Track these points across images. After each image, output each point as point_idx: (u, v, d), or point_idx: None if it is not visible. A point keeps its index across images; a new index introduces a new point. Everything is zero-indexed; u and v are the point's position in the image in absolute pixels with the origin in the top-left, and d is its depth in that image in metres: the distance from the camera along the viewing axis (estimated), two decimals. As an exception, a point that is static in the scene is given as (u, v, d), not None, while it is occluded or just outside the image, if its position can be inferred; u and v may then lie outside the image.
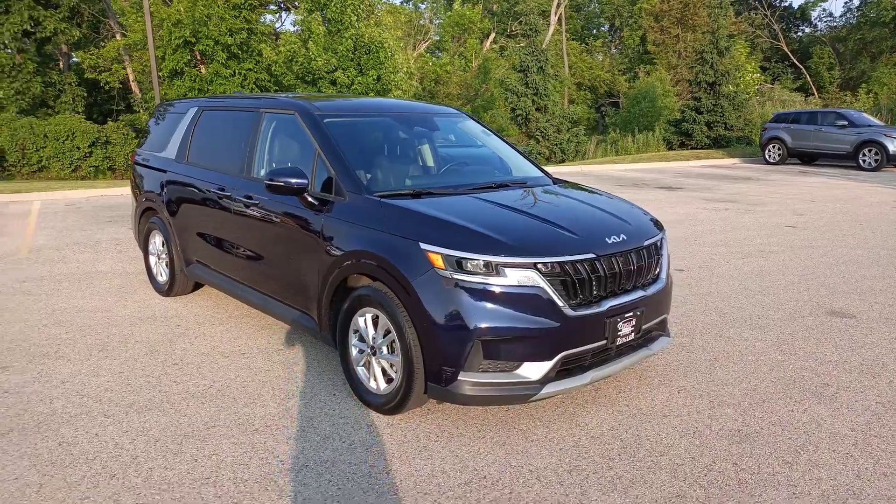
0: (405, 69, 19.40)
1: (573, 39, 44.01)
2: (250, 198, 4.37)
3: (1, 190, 13.38)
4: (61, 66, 25.58)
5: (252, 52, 20.34)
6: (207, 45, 19.36)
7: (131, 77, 24.50)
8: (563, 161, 23.29)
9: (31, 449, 3.18)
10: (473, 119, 5.13)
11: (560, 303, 3.20)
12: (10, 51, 21.51)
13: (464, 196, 3.84)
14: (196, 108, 5.38)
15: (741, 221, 9.89)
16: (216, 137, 5.01)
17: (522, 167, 4.81)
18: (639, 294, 3.55)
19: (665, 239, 3.98)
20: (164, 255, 5.67)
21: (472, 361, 3.17)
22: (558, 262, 3.23)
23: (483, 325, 3.12)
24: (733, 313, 5.37)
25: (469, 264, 3.16)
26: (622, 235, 3.55)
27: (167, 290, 5.68)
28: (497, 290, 3.14)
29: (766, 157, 20.59)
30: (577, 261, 3.28)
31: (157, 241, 5.76)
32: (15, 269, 6.81)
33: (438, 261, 3.19)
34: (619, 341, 3.45)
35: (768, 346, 4.60)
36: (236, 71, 20.18)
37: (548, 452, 3.17)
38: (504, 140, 5.04)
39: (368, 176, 3.95)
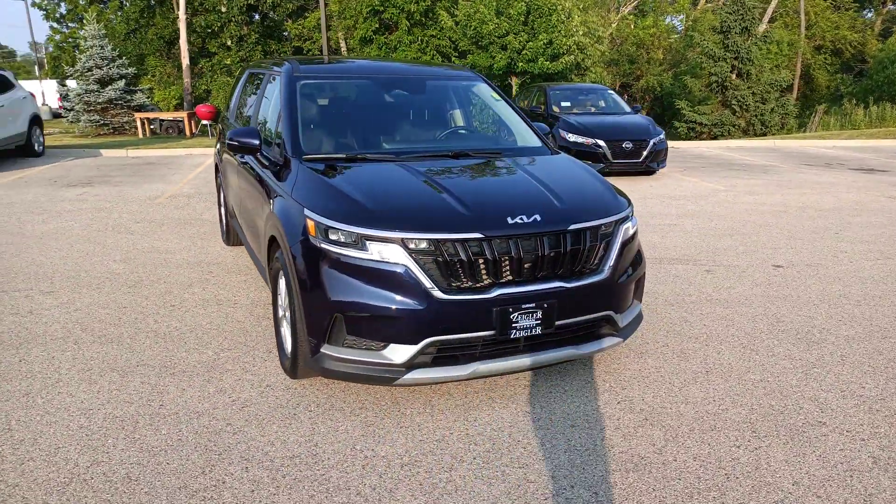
0: (581, 32, 18.45)
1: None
2: (243, 156, 4.57)
3: (194, 145, 15.52)
4: (288, 35, 28.59)
5: (437, 18, 20.84)
6: (393, 13, 20.27)
7: (343, 46, 26.57)
8: (763, 134, 20.61)
9: (-5, 361, 3.76)
10: (488, 84, 4.75)
11: (428, 284, 2.91)
12: (237, 23, 24.50)
13: (392, 164, 3.61)
14: (248, 72, 5.71)
15: (925, 215, 8.01)
16: (246, 98, 5.29)
17: (516, 137, 4.40)
18: (553, 284, 3.09)
19: (622, 225, 3.39)
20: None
21: (335, 335, 3.04)
22: (432, 240, 2.93)
23: (343, 300, 2.96)
24: (792, 322, 4.43)
25: (334, 234, 3.01)
26: (535, 216, 3.09)
27: (226, 240, 6.20)
28: (360, 263, 2.95)
29: None
30: (456, 240, 2.94)
31: (223, 195, 6.29)
32: (142, 211, 7.91)
33: (312, 228, 3.08)
34: (517, 335, 3.05)
35: (795, 367, 3.73)
36: (420, 38, 20.90)
37: (403, 442, 2.94)
38: (515, 108, 4.60)
39: (314, 139, 3.89)
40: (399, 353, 2.96)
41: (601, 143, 10.42)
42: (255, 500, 2.52)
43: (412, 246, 2.93)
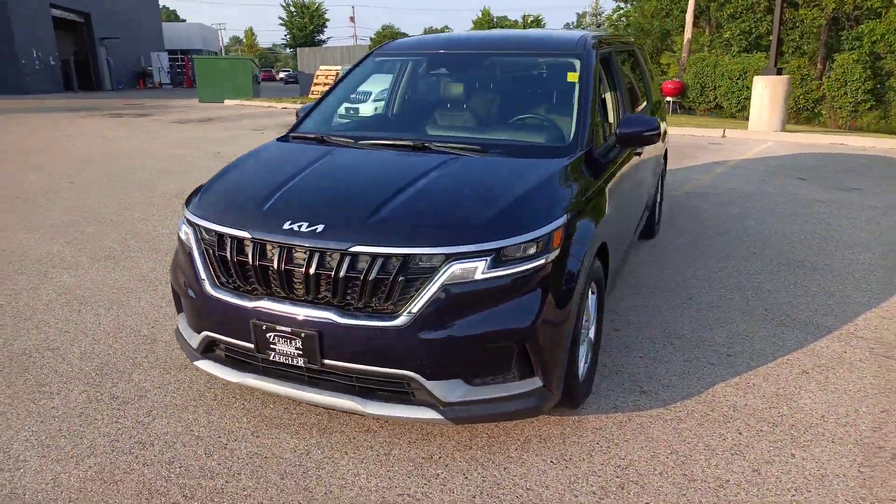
0: None
1: None
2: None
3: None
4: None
5: None
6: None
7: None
8: None
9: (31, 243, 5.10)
10: (584, 60, 3.58)
11: (203, 275, 2.74)
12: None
13: (333, 147, 3.36)
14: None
15: None
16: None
17: (547, 132, 3.36)
18: (321, 314, 2.47)
19: (456, 263, 2.36)
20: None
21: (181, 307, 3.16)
22: (209, 229, 2.74)
23: (175, 274, 3.05)
24: None
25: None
26: (319, 226, 2.50)
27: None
28: (181, 241, 2.99)
29: None
30: (226, 234, 2.66)
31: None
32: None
33: None
34: (278, 358, 2.59)
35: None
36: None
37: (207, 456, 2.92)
38: (585, 95, 3.40)
39: (326, 117, 3.84)
40: (195, 338, 2.92)
41: None
42: None
43: (200, 233, 2.81)
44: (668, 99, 19.58)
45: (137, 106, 22.44)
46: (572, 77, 3.58)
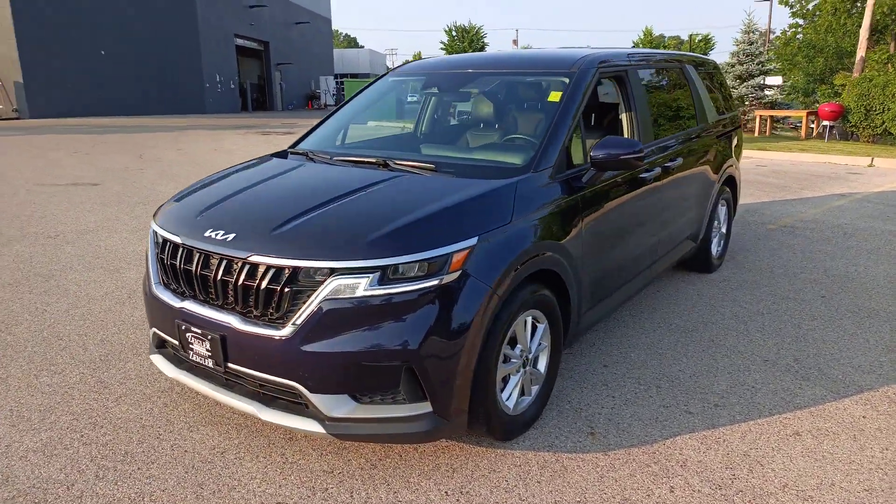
0: None
1: None
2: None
3: (778, 147, 14.13)
4: None
5: None
6: None
7: None
8: None
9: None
10: (574, 80, 3.40)
11: (152, 274, 2.98)
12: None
13: (305, 163, 3.49)
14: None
15: None
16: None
17: (509, 153, 3.24)
18: (225, 318, 2.59)
19: (340, 278, 2.37)
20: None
21: None
22: (156, 233, 2.98)
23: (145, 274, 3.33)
24: None
25: (165, 213, 3.36)
26: (231, 234, 2.62)
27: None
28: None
29: None
30: (165, 238, 2.88)
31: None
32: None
33: None
34: (194, 358, 2.74)
35: None
36: None
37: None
38: (563, 116, 3.22)
39: (330, 134, 3.99)
40: (151, 332, 3.16)
41: None
42: None
43: (155, 236, 3.04)
44: (826, 123, 17.75)
45: (290, 125, 24.42)
46: (553, 97, 3.43)
